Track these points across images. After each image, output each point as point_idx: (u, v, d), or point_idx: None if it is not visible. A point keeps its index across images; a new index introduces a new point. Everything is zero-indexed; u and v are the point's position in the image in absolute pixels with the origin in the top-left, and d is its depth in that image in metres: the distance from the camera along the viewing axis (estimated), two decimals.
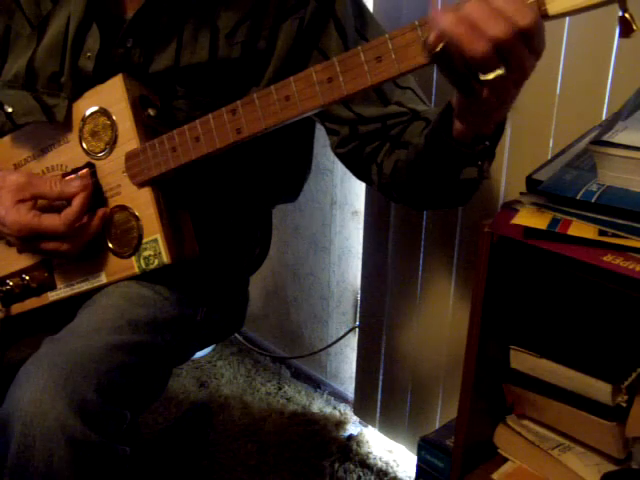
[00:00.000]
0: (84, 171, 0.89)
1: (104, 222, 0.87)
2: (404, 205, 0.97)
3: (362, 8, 0.92)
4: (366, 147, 0.90)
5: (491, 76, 0.61)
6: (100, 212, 0.87)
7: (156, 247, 0.84)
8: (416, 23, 0.63)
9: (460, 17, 0.59)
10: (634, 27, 0.57)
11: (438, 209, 0.94)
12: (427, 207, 0.98)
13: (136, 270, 0.87)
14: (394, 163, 0.86)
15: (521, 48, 0.60)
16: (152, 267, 0.85)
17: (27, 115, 0.90)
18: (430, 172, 0.80)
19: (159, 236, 0.84)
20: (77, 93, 0.89)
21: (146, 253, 0.85)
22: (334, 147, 0.93)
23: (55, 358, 0.76)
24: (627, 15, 0.57)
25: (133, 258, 0.87)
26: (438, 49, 0.60)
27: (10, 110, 0.91)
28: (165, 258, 0.84)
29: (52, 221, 0.83)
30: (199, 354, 1.92)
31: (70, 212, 0.84)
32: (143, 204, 0.85)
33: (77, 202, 0.84)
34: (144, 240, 0.85)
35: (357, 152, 0.91)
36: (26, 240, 0.86)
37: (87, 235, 0.86)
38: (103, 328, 0.81)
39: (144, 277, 0.89)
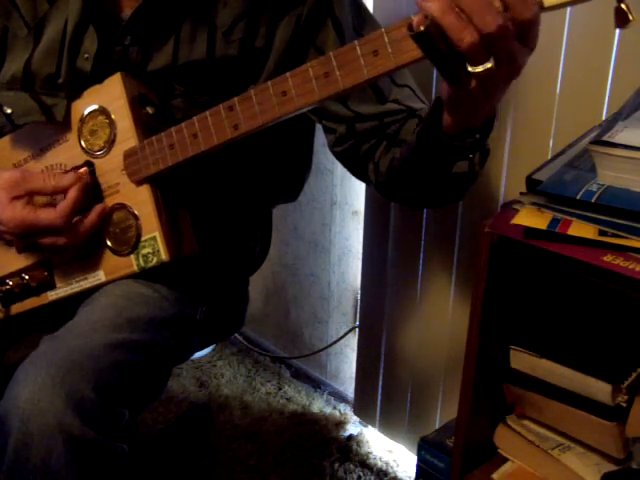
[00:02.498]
0: (82, 170, 0.89)
1: (102, 219, 0.87)
2: (401, 204, 0.98)
3: (360, 6, 0.92)
4: (363, 145, 0.90)
5: (480, 69, 0.60)
6: (98, 207, 0.86)
7: (155, 245, 0.84)
8: (412, 17, 0.63)
9: (451, 4, 0.58)
10: (630, 17, 0.56)
11: (434, 207, 0.94)
12: (423, 205, 0.98)
13: (135, 268, 0.87)
14: (390, 161, 0.86)
15: (514, 44, 0.59)
16: (151, 265, 0.85)
17: (26, 116, 0.90)
18: (423, 167, 0.80)
19: (157, 234, 0.84)
20: (76, 93, 0.89)
21: (145, 251, 0.85)
22: (331, 146, 0.93)
23: (53, 356, 0.76)
24: (623, 6, 0.56)
25: (132, 256, 0.87)
26: (421, 29, 0.60)
27: (9, 111, 0.91)
28: (164, 255, 0.84)
29: (48, 215, 0.83)
30: (199, 354, 1.92)
31: (65, 205, 0.83)
32: (142, 202, 0.85)
33: (72, 194, 0.84)
34: (143, 238, 0.85)
35: (354, 150, 0.91)
36: (23, 236, 0.86)
37: (84, 230, 0.85)
38: (101, 327, 0.81)
39: (143, 276, 0.88)
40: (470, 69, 0.60)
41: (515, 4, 0.57)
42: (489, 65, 0.60)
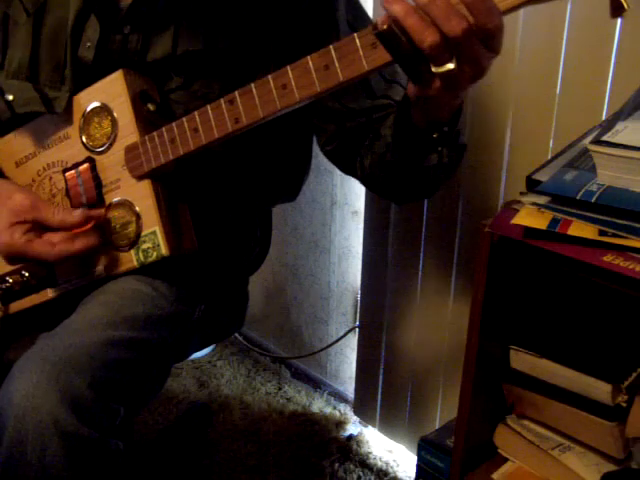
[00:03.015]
0: (95, 212, 0.89)
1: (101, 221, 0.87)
2: (385, 199, 0.99)
3: (355, 1, 0.93)
4: (351, 142, 0.91)
5: (442, 69, 0.62)
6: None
7: (155, 239, 0.85)
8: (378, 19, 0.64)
9: (414, 7, 0.60)
10: (625, 6, 0.57)
11: (413, 200, 0.96)
12: (403, 198, 0.99)
13: (135, 263, 0.87)
14: (371, 156, 0.88)
15: (479, 47, 0.61)
16: (151, 260, 0.85)
17: (27, 105, 0.90)
18: (397, 162, 0.82)
19: (157, 228, 0.84)
20: (78, 84, 0.89)
21: (145, 246, 0.85)
22: (322, 145, 0.95)
23: (49, 353, 0.76)
24: None
25: (132, 251, 0.87)
26: (383, 28, 0.61)
27: (10, 98, 0.91)
28: (164, 250, 0.84)
29: (43, 248, 0.83)
30: (199, 354, 1.92)
31: (65, 249, 0.83)
32: (142, 197, 0.86)
33: (78, 246, 0.84)
34: (143, 233, 0.85)
35: (344, 148, 0.92)
36: (14, 260, 0.87)
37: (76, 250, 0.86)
38: (98, 324, 0.81)
39: (143, 273, 0.89)
40: (433, 69, 0.62)
41: (480, 13, 0.58)
42: (451, 66, 0.62)
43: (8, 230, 0.84)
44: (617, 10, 0.57)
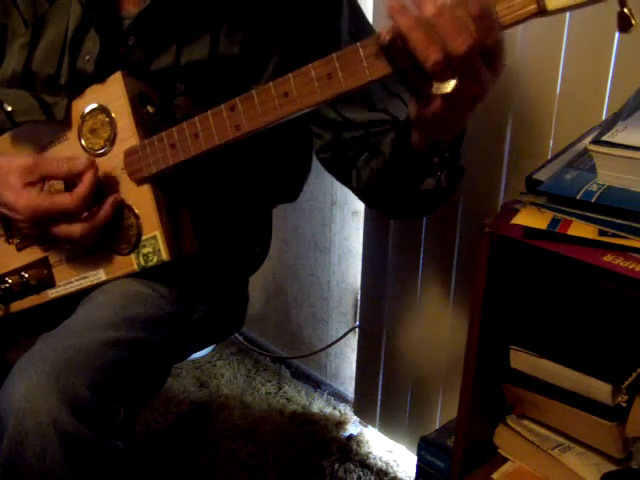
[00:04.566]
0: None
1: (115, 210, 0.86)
2: (379, 213, 0.99)
3: (357, 11, 0.92)
4: (347, 153, 0.91)
5: (443, 86, 0.62)
6: (111, 198, 0.85)
7: (155, 244, 0.84)
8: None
9: (420, 20, 0.59)
10: (633, 22, 0.57)
11: (408, 218, 0.96)
12: (397, 215, 0.99)
13: (135, 267, 0.87)
14: (369, 171, 0.87)
15: (480, 65, 0.60)
16: (151, 264, 0.85)
17: (26, 114, 0.90)
18: (393, 182, 0.82)
19: (158, 233, 0.84)
20: (76, 92, 0.89)
21: (145, 250, 0.85)
22: (317, 152, 0.94)
23: (49, 354, 0.76)
24: (626, 10, 0.57)
25: (132, 255, 0.86)
26: (387, 39, 0.61)
27: (10, 109, 0.91)
28: (164, 255, 0.84)
29: (64, 200, 0.82)
30: (199, 354, 1.92)
31: (80, 189, 0.82)
32: (142, 201, 0.85)
33: (86, 179, 0.83)
34: (143, 237, 0.85)
35: (339, 158, 0.92)
36: (38, 224, 0.84)
37: (99, 220, 0.84)
38: (98, 325, 0.81)
39: (142, 274, 0.88)
40: (434, 86, 0.62)
41: (482, 28, 0.58)
42: (452, 83, 0.61)
43: (23, 192, 0.82)
44: (625, 25, 0.57)
